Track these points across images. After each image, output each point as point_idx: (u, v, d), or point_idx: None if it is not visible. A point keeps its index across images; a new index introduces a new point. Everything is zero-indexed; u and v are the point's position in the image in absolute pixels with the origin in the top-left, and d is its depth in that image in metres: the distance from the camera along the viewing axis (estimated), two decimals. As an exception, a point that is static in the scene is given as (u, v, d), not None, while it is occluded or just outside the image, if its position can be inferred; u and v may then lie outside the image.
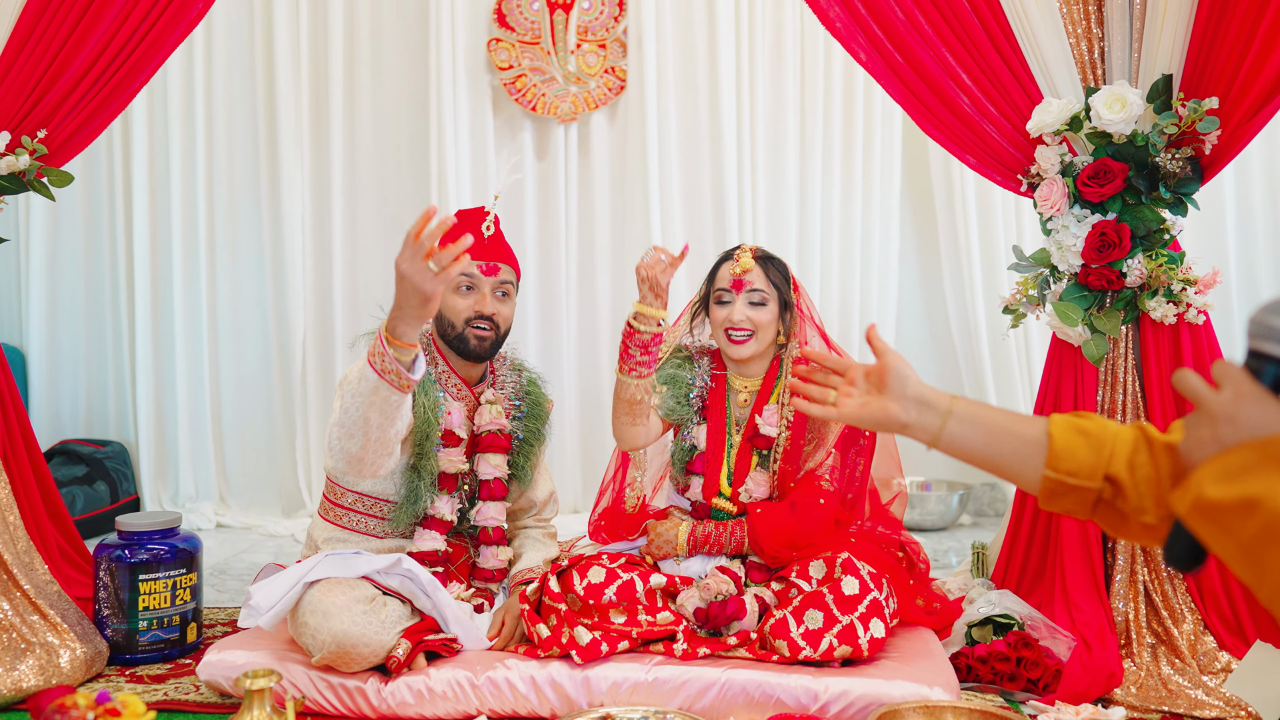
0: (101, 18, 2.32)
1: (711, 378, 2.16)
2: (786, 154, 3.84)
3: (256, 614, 1.86)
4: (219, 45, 3.79)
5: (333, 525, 2.10)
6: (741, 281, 2.07)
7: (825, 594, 1.88)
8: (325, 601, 1.83)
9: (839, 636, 1.84)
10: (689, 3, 3.78)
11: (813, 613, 1.87)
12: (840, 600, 1.87)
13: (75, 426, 3.94)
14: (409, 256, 1.60)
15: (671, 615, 1.96)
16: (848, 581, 1.88)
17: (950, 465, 4.00)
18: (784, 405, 2.10)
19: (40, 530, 2.39)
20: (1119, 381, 2.25)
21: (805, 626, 1.85)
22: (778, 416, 2.10)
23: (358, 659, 1.83)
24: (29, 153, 2.27)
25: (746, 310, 2.06)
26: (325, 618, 1.82)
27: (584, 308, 3.89)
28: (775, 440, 2.10)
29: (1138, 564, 2.19)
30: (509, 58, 3.73)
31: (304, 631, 1.85)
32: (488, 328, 2.07)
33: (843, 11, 2.38)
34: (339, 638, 1.80)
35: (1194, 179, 2.16)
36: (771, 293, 2.08)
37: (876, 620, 1.86)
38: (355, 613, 1.82)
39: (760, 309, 2.05)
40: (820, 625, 1.85)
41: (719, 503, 2.13)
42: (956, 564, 3.12)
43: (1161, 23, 2.15)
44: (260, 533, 3.64)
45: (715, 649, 1.91)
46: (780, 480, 2.11)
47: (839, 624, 1.85)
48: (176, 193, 3.79)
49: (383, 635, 1.84)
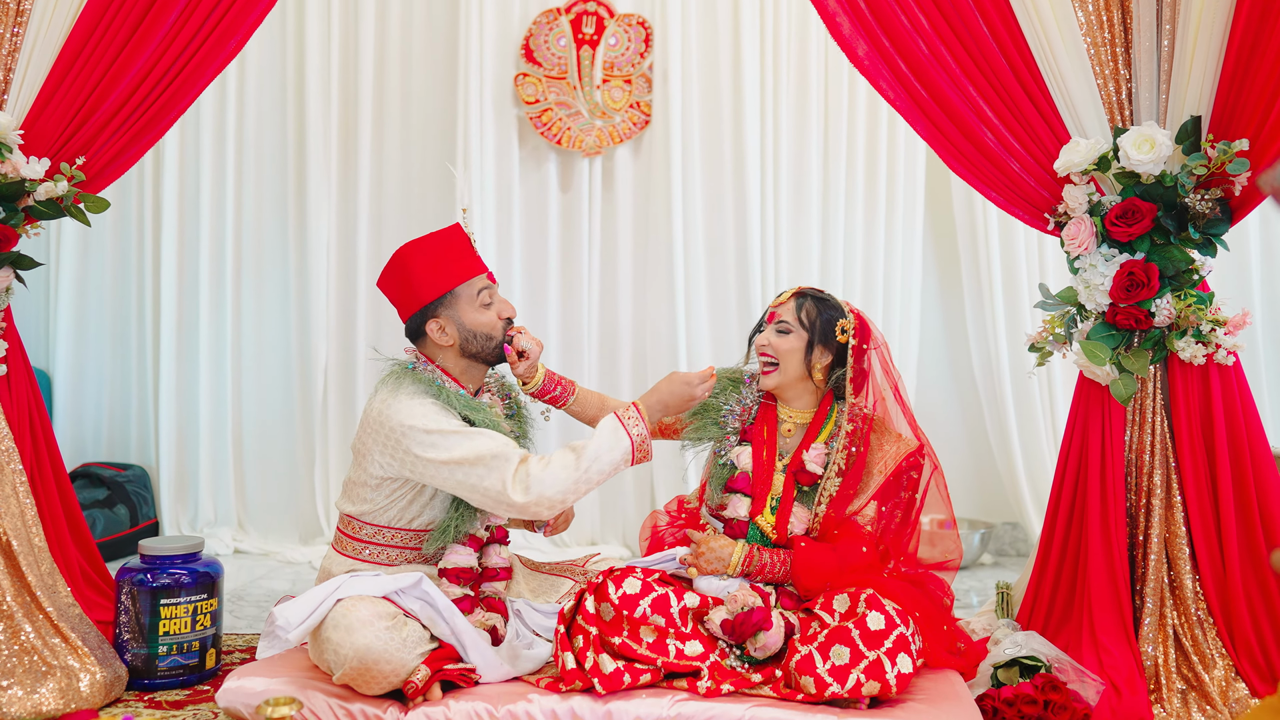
0: (142, 49, 2.36)
1: (761, 406, 2.19)
2: (810, 189, 3.85)
3: (284, 630, 1.85)
4: (251, 75, 3.86)
5: (350, 559, 2.09)
6: (774, 314, 2.14)
7: (851, 629, 1.85)
8: (349, 617, 1.83)
9: (866, 672, 1.81)
10: (714, 39, 3.82)
11: (839, 648, 1.83)
12: (866, 635, 1.84)
13: (97, 449, 3.97)
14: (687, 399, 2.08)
15: (700, 647, 1.94)
16: (873, 617, 1.86)
17: (971, 503, 3.97)
18: (835, 451, 2.09)
19: (64, 553, 2.39)
20: (1147, 422, 2.23)
21: (832, 662, 1.82)
22: (824, 457, 2.10)
23: (379, 677, 1.82)
24: (67, 179, 2.31)
25: (771, 336, 2.12)
26: (349, 632, 1.81)
27: (605, 339, 3.90)
28: (819, 480, 2.09)
29: (1167, 607, 2.16)
30: (535, 92, 3.77)
31: (326, 647, 1.85)
32: (511, 328, 2.15)
33: (869, 47, 2.40)
34: (361, 653, 1.79)
35: (1223, 220, 2.15)
36: (798, 326, 2.10)
37: (904, 656, 1.82)
38: (378, 628, 1.82)
39: (783, 336, 2.10)
40: (847, 661, 1.81)
41: (761, 522, 2.10)
42: (978, 603, 3.09)
43: (1190, 65, 2.15)
44: (277, 559, 3.65)
45: (739, 686, 1.89)
46: (824, 525, 2.09)
47: (866, 659, 1.81)
48: (205, 220, 3.84)
49: (404, 654, 1.83)
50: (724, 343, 3.83)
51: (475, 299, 2.08)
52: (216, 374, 3.88)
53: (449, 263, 2.07)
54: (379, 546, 2.07)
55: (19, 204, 2.29)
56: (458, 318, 2.07)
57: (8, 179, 2.25)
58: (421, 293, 2.07)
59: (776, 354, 2.10)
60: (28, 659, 2.03)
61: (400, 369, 2.09)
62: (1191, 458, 2.19)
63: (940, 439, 3.99)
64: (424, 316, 2.08)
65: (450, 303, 2.07)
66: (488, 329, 2.09)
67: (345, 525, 2.11)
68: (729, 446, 2.16)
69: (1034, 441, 3.74)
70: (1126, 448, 2.26)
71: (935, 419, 4.00)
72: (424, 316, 2.08)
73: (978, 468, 3.97)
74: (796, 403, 2.16)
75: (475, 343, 2.09)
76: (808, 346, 2.10)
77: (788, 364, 2.10)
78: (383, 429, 1.99)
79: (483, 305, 2.09)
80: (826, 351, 2.12)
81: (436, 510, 2.08)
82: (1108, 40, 2.24)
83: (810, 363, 2.11)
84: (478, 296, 2.08)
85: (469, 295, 2.08)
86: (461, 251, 2.10)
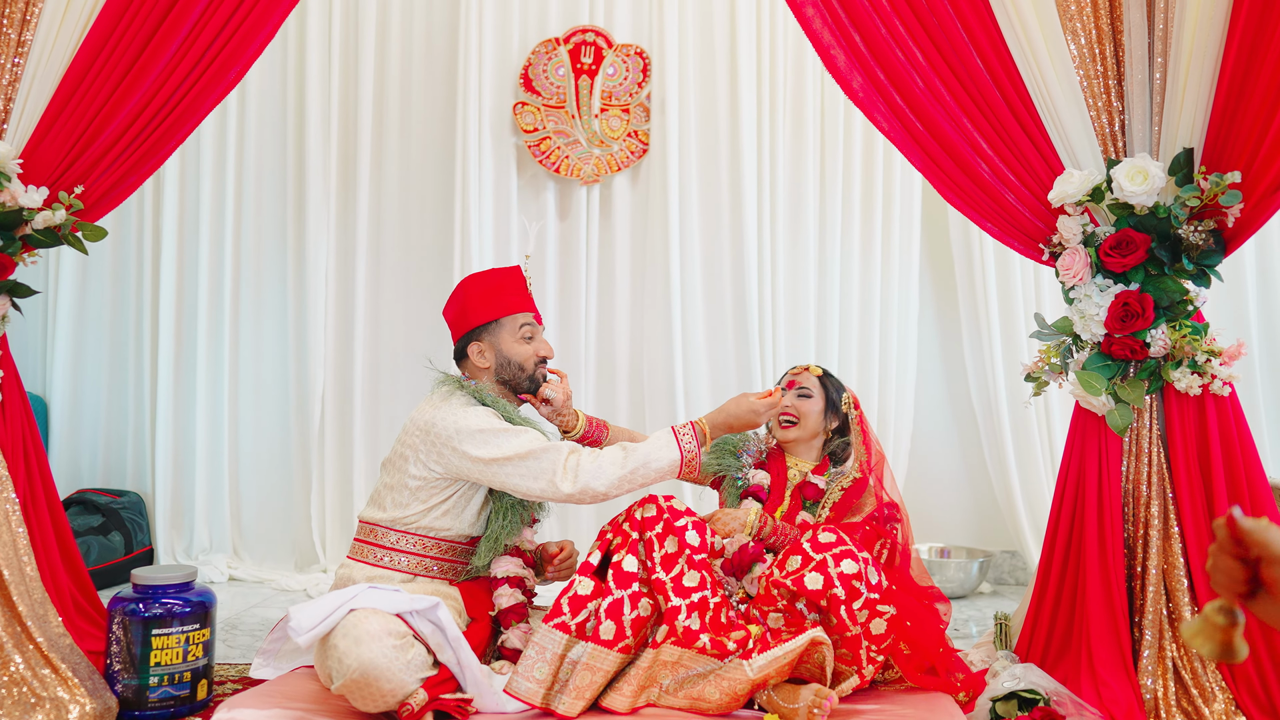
0: (142, 80, 2.38)
1: (771, 452, 2.45)
2: (806, 219, 3.87)
3: (296, 633, 1.86)
4: (252, 104, 3.88)
5: (370, 565, 2.15)
6: (794, 382, 2.43)
7: (804, 543, 2.05)
8: (359, 628, 1.84)
9: (814, 568, 1.99)
10: (712, 69, 3.85)
11: (793, 558, 2.05)
12: (815, 545, 2.03)
13: (93, 476, 3.95)
14: (768, 417, 2.19)
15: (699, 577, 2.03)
16: (824, 534, 2.04)
17: (969, 531, 3.96)
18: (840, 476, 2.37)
19: (56, 581, 2.38)
20: (1144, 452, 2.23)
21: (786, 570, 2.03)
22: (825, 483, 2.36)
23: (376, 694, 1.82)
24: (65, 208, 2.32)
25: (794, 400, 2.39)
26: (356, 643, 1.82)
27: (602, 366, 3.90)
28: (823, 494, 2.32)
29: (1166, 640, 2.14)
30: (534, 120, 3.80)
31: (331, 654, 1.85)
32: (545, 367, 2.33)
33: (864, 80, 2.42)
34: (365, 666, 1.80)
35: (1217, 251, 2.16)
36: (819, 392, 2.39)
37: (849, 560, 1.99)
38: (385, 644, 1.83)
39: (806, 400, 2.39)
40: (798, 565, 2.02)
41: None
42: (977, 633, 3.07)
43: (1182, 98, 2.17)
44: (273, 587, 3.62)
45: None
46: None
47: (813, 560, 2.00)
48: (204, 247, 3.85)
49: (405, 675, 1.84)
50: (721, 370, 3.84)
51: (517, 331, 2.27)
52: (213, 401, 3.87)
53: (501, 295, 2.28)
54: (401, 554, 2.15)
55: (16, 232, 2.30)
56: (498, 345, 2.26)
57: (6, 208, 2.26)
58: (471, 317, 2.27)
59: (799, 414, 2.37)
60: (17, 690, 2.01)
61: (452, 381, 2.26)
62: (1188, 488, 2.18)
63: (938, 468, 4.00)
64: (469, 339, 2.28)
65: (494, 330, 2.27)
66: (521, 360, 2.27)
67: (368, 534, 2.19)
68: (747, 470, 2.39)
69: (1032, 470, 3.74)
70: (1123, 478, 2.25)
71: (933, 448, 4.00)
72: (469, 339, 2.28)
73: (975, 496, 3.96)
74: (803, 456, 2.41)
75: (508, 370, 2.27)
76: (825, 409, 2.40)
77: (807, 421, 2.38)
78: (431, 433, 2.12)
79: (522, 339, 2.28)
80: (835, 417, 2.42)
81: (464, 523, 2.19)
82: (1101, 73, 2.26)
83: (825, 424, 2.40)
84: (519, 330, 2.27)
85: (512, 327, 2.27)
86: (515, 288, 2.30)
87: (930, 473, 3.98)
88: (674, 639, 1.95)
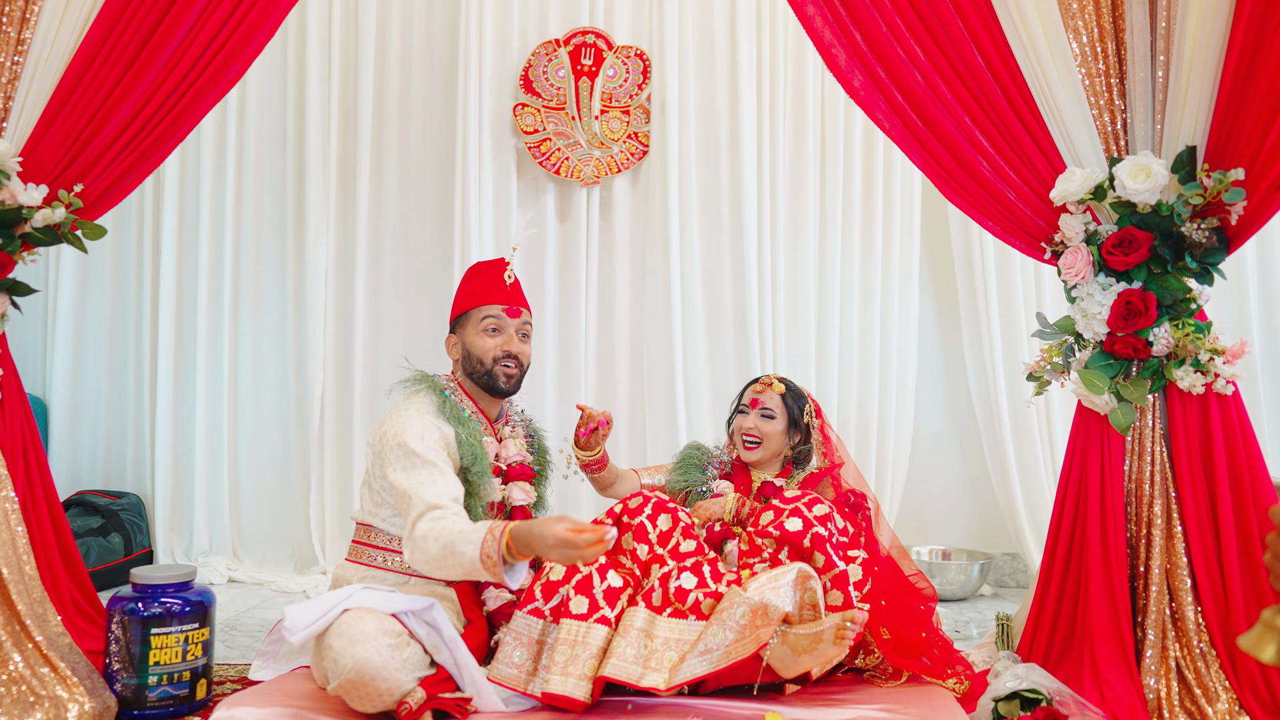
0: (142, 78, 2.38)
1: (735, 464, 2.55)
2: (806, 220, 3.86)
3: (290, 632, 1.85)
4: (252, 105, 3.88)
5: (365, 566, 2.15)
6: (757, 400, 2.50)
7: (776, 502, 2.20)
8: (354, 627, 1.83)
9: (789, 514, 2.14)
10: (712, 70, 3.85)
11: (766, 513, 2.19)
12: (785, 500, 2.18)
13: (93, 477, 3.94)
14: (567, 557, 1.81)
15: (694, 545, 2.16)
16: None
17: (970, 534, 3.95)
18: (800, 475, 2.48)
19: (55, 581, 2.37)
20: (1147, 451, 2.22)
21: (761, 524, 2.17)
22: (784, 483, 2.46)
23: (373, 693, 1.81)
24: (65, 206, 2.31)
25: (757, 421, 2.48)
26: (351, 643, 1.81)
27: (602, 367, 3.89)
28: (782, 489, 2.41)
29: (1169, 639, 2.13)
30: (534, 122, 3.79)
31: (326, 655, 1.84)
32: (513, 365, 2.26)
33: (864, 78, 2.42)
34: (360, 665, 1.79)
35: (1220, 249, 2.16)
36: (781, 411, 2.47)
37: (819, 505, 2.15)
38: (380, 644, 1.82)
39: (769, 421, 2.48)
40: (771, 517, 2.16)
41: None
42: (977, 635, 3.06)
43: (1184, 95, 2.17)
44: (272, 588, 3.61)
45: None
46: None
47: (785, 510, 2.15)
48: (204, 248, 3.85)
49: (401, 674, 1.83)
50: (720, 371, 3.83)
51: (480, 324, 2.24)
52: (213, 403, 3.87)
53: (477, 287, 2.27)
54: (395, 554, 2.15)
55: (16, 230, 2.29)
56: (465, 337, 2.26)
57: (5, 205, 2.25)
58: (453, 308, 2.32)
59: (761, 435, 2.47)
60: (15, 689, 2.00)
61: (420, 376, 2.25)
62: (1191, 487, 2.17)
63: (938, 470, 4.00)
64: (450, 331, 2.31)
65: (465, 322, 2.27)
66: (479, 353, 2.24)
67: (362, 535, 2.19)
68: (712, 481, 2.49)
69: (1033, 471, 3.73)
70: (1126, 477, 2.24)
71: (933, 450, 4.00)
72: (450, 331, 2.31)
73: (976, 498, 3.96)
74: (767, 468, 2.53)
75: (469, 363, 2.25)
76: (788, 427, 2.49)
77: (770, 442, 2.48)
78: (376, 438, 2.12)
79: (485, 331, 2.24)
80: (798, 432, 2.51)
81: None
82: (1102, 71, 2.25)
83: (788, 441, 2.52)
84: (483, 322, 2.24)
85: (476, 319, 2.25)
86: (489, 280, 2.27)
87: (931, 475, 3.97)
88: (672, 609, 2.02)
